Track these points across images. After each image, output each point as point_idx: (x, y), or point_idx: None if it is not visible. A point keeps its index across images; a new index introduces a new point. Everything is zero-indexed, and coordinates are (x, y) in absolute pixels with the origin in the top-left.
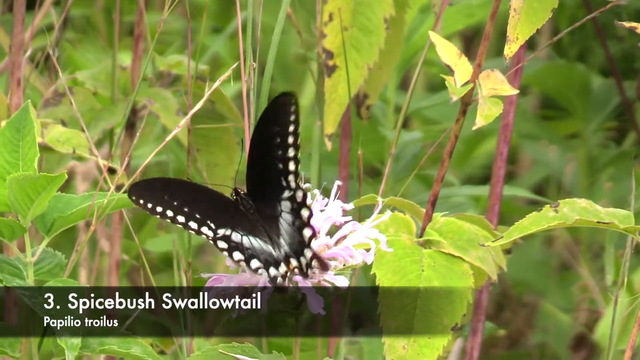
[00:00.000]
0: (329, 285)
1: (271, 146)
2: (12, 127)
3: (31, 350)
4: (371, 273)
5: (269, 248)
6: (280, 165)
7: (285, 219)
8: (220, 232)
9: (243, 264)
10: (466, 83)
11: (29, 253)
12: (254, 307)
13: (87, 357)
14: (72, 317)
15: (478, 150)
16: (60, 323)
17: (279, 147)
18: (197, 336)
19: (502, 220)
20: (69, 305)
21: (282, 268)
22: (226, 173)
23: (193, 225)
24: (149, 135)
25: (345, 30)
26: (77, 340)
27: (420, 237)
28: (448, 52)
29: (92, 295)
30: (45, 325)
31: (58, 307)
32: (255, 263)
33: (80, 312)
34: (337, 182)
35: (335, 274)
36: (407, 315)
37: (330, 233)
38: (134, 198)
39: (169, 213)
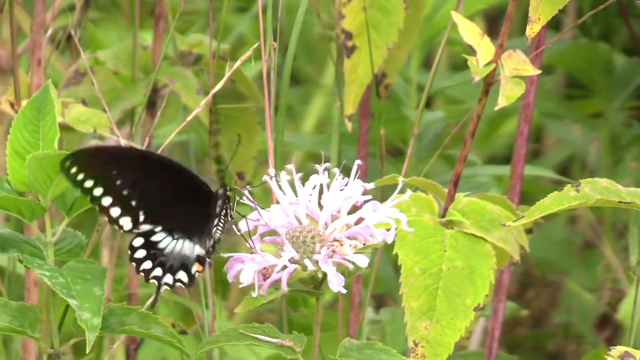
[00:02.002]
0: (349, 264)
1: None
2: (33, 107)
3: (51, 331)
4: (393, 253)
5: (191, 251)
6: None
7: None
8: (145, 227)
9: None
10: (488, 63)
11: (49, 233)
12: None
13: (108, 338)
14: (92, 297)
15: (501, 129)
16: (81, 303)
17: None
18: (220, 316)
19: (526, 200)
20: (89, 285)
21: (170, 277)
22: (247, 153)
23: (114, 212)
24: (171, 115)
25: (364, 11)
26: (97, 321)
27: (443, 217)
28: (470, 32)
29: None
30: (65, 305)
31: (78, 287)
32: (155, 272)
33: (101, 292)
34: (357, 162)
35: (355, 253)
36: (429, 296)
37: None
38: (67, 164)
39: (97, 191)
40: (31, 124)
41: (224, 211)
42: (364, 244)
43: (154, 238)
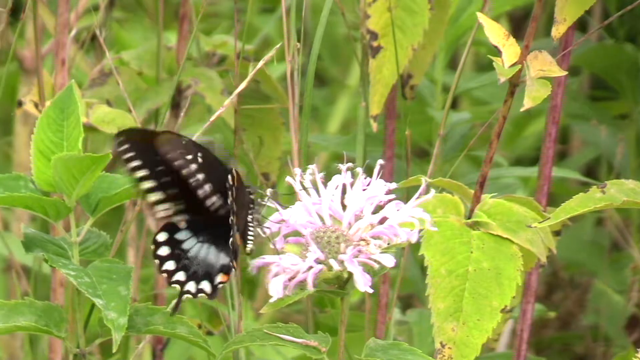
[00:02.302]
0: (375, 263)
1: None
2: (57, 107)
3: (77, 330)
4: (420, 254)
5: (216, 258)
6: None
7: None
8: (179, 218)
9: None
10: (514, 64)
11: (74, 233)
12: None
13: (134, 338)
14: (118, 297)
15: (527, 130)
16: (107, 303)
17: None
18: (246, 317)
19: (553, 201)
20: (115, 285)
21: (193, 285)
22: (272, 153)
23: (153, 197)
24: (197, 116)
25: (390, 11)
26: (123, 320)
27: (469, 218)
28: (496, 33)
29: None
30: (91, 305)
31: (104, 286)
32: (177, 276)
33: (127, 291)
34: (380, 161)
35: (381, 253)
36: (456, 297)
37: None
38: (120, 140)
39: (149, 183)
40: (55, 123)
41: (250, 216)
42: (388, 244)
43: (178, 236)
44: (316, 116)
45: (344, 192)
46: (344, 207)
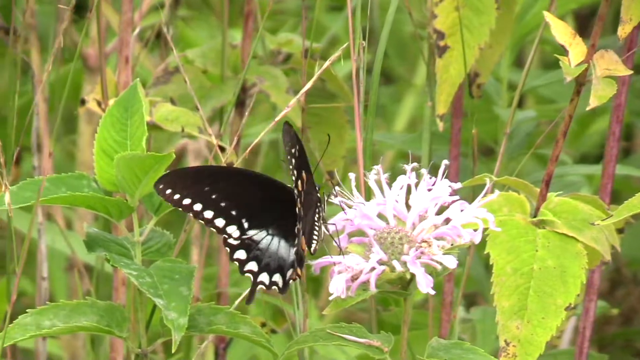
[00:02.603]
0: (437, 265)
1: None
2: (120, 106)
3: (139, 330)
4: (485, 252)
5: (287, 253)
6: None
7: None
8: (251, 233)
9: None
10: (580, 63)
11: (137, 232)
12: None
13: (197, 337)
14: (179, 297)
15: (592, 128)
16: (168, 303)
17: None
18: (311, 315)
19: (616, 199)
20: (177, 284)
21: (266, 277)
22: (337, 151)
23: (219, 222)
24: (262, 114)
25: (457, 11)
26: (184, 320)
27: (535, 216)
28: (563, 32)
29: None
30: (153, 305)
31: (165, 286)
32: (249, 266)
33: (188, 292)
34: (445, 161)
35: (444, 254)
36: (521, 295)
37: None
38: (160, 187)
39: (197, 207)
40: (119, 122)
41: (317, 215)
42: (451, 244)
43: (251, 232)
44: (382, 114)
45: (408, 192)
46: (408, 207)
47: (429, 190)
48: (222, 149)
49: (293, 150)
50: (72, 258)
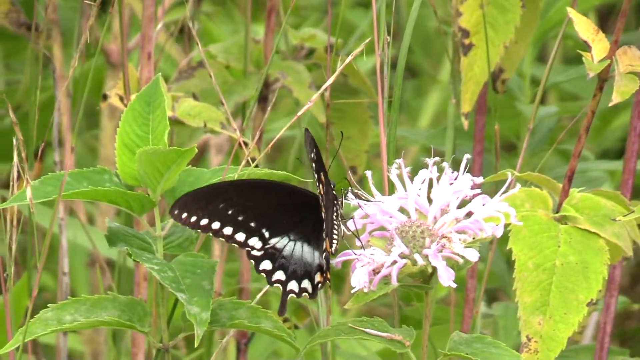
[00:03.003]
0: (459, 258)
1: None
2: (142, 100)
3: (160, 325)
4: (507, 248)
5: (312, 257)
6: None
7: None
8: (274, 241)
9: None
10: (603, 59)
11: (159, 227)
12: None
13: (218, 332)
14: (201, 292)
15: (614, 123)
16: (190, 297)
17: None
18: (333, 310)
19: (638, 194)
20: (199, 279)
21: (301, 284)
22: (359, 147)
23: (239, 237)
24: (283, 110)
25: (481, 8)
26: (206, 315)
27: (557, 212)
28: (586, 28)
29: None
30: (175, 299)
31: (187, 281)
32: (277, 275)
33: (210, 286)
34: (467, 156)
35: (465, 247)
36: (543, 291)
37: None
38: (175, 212)
39: (215, 225)
40: (141, 117)
41: (335, 213)
42: (473, 238)
43: (268, 237)
44: (407, 110)
45: (430, 186)
46: (429, 201)
47: (451, 184)
48: (245, 144)
49: (312, 155)
50: (93, 253)
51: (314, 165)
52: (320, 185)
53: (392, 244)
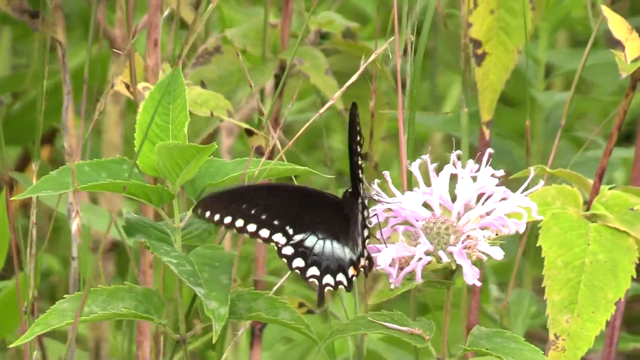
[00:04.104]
0: (483, 256)
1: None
2: (162, 89)
3: (177, 316)
4: (537, 245)
5: (342, 253)
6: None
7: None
8: (298, 237)
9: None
10: (636, 59)
11: (177, 218)
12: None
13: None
14: (219, 286)
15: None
16: (208, 292)
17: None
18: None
19: None
20: (217, 273)
21: (336, 277)
22: (374, 133)
23: (264, 233)
24: (300, 95)
25: (492, 14)
26: (224, 310)
27: (587, 210)
28: (619, 27)
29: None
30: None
31: (206, 274)
32: (311, 271)
33: (228, 280)
34: (489, 150)
35: (490, 245)
36: (572, 289)
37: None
38: (199, 211)
39: (238, 223)
40: (161, 106)
41: (362, 216)
42: (496, 234)
43: (296, 236)
44: (424, 96)
45: (451, 180)
46: (453, 197)
47: (473, 177)
48: (250, 133)
49: (356, 146)
50: (96, 235)
51: (355, 157)
52: (360, 184)
53: (417, 240)
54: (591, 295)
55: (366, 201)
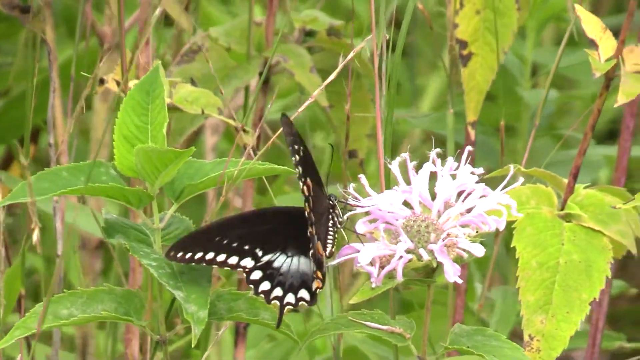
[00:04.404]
0: (464, 253)
1: None
2: (142, 90)
3: (157, 317)
4: (511, 246)
5: (308, 267)
6: None
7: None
8: (266, 258)
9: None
10: (610, 58)
11: (157, 219)
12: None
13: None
14: (198, 289)
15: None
16: (187, 295)
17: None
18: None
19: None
20: (196, 275)
21: (297, 294)
22: (360, 130)
23: (232, 260)
24: (281, 91)
25: (478, 14)
26: (203, 314)
27: (562, 209)
28: (593, 26)
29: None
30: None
31: (185, 277)
32: (275, 292)
33: (207, 283)
34: (469, 148)
35: (470, 242)
36: (546, 290)
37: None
38: (171, 254)
39: (208, 256)
40: (140, 107)
41: (331, 221)
42: (476, 232)
43: (265, 257)
44: (407, 93)
45: (431, 178)
46: (432, 194)
47: (452, 175)
48: (245, 131)
49: (296, 147)
50: (84, 234)
51: (297, 157)
52: (305, 184)
53: (397, 238)
54: (565, 295)
55: (337, 212)
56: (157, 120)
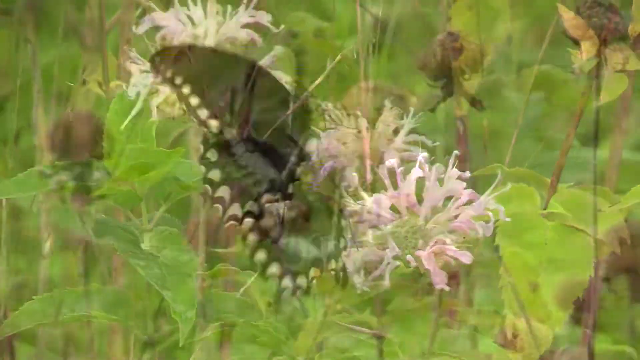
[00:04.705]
0: (452, 260)
1: None
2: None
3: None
4: (494, 245)
5: (307, 252)
6: None
7: None
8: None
9: None
10: (592, 57)
11: (146, 220)
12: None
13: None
14: (186, 289)
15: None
16: (175, 295)
17: None
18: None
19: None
20: (184, 275)
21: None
22: None
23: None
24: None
25: (470, 10)
26: (191, 314)
27: (545, 209)
28: (575, 25)
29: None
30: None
31: (173, 277)
32: (272, 268)
33: (196, 281)
34: (455, 152)
35: (458, 249)
36: (529, 289)
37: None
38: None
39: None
40: (129, 107)
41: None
42: (464, 237)
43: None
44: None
45: (418, 182)
46: (419, 199)
47: (440, 179)
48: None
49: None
50: (67, 232)
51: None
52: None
53: (385, 244)
54: (549, 294)
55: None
56: (146, 121)
